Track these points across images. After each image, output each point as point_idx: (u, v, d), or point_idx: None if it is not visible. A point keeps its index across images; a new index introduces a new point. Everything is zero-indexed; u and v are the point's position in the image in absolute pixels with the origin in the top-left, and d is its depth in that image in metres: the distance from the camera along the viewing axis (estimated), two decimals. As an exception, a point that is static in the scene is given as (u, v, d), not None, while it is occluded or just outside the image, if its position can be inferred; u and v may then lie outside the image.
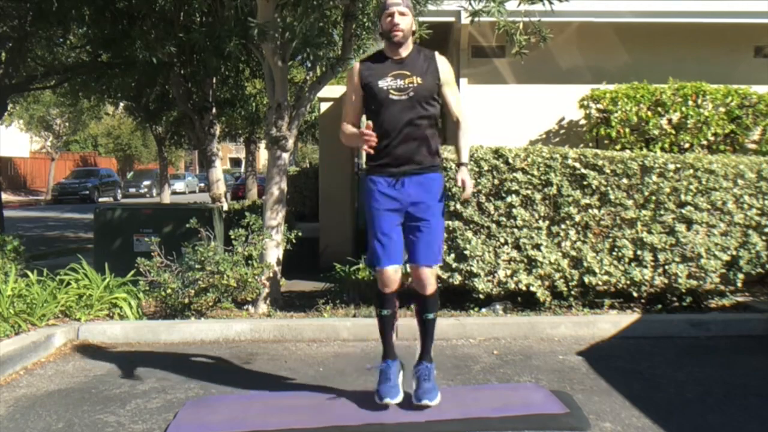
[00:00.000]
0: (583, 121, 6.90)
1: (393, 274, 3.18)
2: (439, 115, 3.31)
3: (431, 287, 3.22)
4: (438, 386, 3.29)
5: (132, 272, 5.29)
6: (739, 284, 5.22)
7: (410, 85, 3.14)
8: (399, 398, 3.20)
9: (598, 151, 5.20)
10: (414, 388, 3.25)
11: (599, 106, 6.53)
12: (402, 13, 3.14)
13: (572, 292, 5.08)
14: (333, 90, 8.27)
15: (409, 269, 3.30)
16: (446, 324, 4.74)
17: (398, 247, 3.18)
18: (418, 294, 3.27)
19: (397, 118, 3.13)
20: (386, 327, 3.31)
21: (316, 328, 4.76)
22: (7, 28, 8.73)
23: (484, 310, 5.08)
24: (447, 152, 4.70)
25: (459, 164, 3.23)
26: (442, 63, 3.25)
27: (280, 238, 5.42)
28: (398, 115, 3.13)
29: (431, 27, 5.45)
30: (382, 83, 3.16)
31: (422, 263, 3.17)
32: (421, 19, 5.52)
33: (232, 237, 5.19)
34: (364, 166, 3.31)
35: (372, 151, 3.12)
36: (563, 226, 5.03)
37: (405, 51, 3.20)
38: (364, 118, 3.29)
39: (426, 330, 3.32)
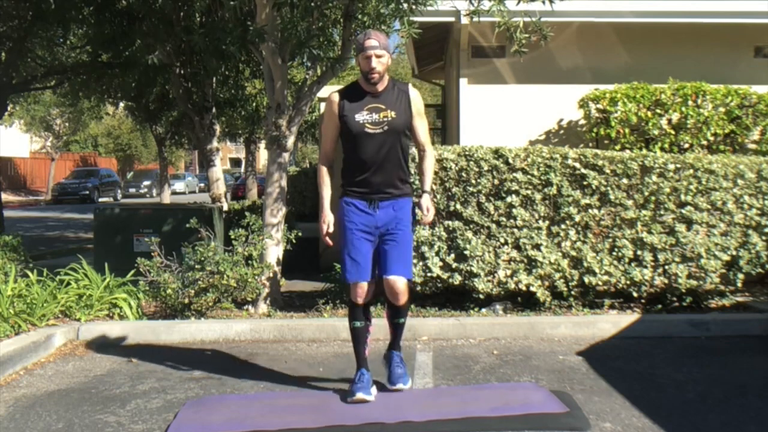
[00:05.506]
0: (582, 121, 6.90)
1: (366, 286, 3.36)
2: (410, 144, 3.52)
3: (404, 298, 3.41)
4: (437, 385, 3.34)
5: (132, 272, 5.30)
6: (739, 284, 5.22)
7: (385, 119, 3.33)
8: (372, 397, 3.33)
9: (598, 151, 5.20)
10: (387, 375, 3.50)
11: (599, 106, 6.53)
12: (378, 56, 3.29)
13: (572, 292, 5.08)
14: (333, 90, 8.24)
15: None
16: (446, 324, 4.75)
17: (369, 263, 3.37)
18: (390, 304, 3.46)
19: (372, 151, 3.33)
20: (359, 339, 3.47)
21: (316, 328, 4.76)
22: (7, 28, 8.74)
23: (484, 310, 5.08)
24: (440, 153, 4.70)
25: (423, 192, 3.43)
26: (415, 96, 3.44)
27: (280, 236, 5.42)
28: (373, 147, 3.33)
29: (431, 27, 5.46)
30: (359, 117, 3.34)
31: (394, 274, 3.34)
32: (420, 19, 5.52)
33: (232, 237, 5.19)
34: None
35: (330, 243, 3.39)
36: (563, 226, 5.03)
37: (381, 86, 3.38)
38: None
39: (396, 330, 3.59)
